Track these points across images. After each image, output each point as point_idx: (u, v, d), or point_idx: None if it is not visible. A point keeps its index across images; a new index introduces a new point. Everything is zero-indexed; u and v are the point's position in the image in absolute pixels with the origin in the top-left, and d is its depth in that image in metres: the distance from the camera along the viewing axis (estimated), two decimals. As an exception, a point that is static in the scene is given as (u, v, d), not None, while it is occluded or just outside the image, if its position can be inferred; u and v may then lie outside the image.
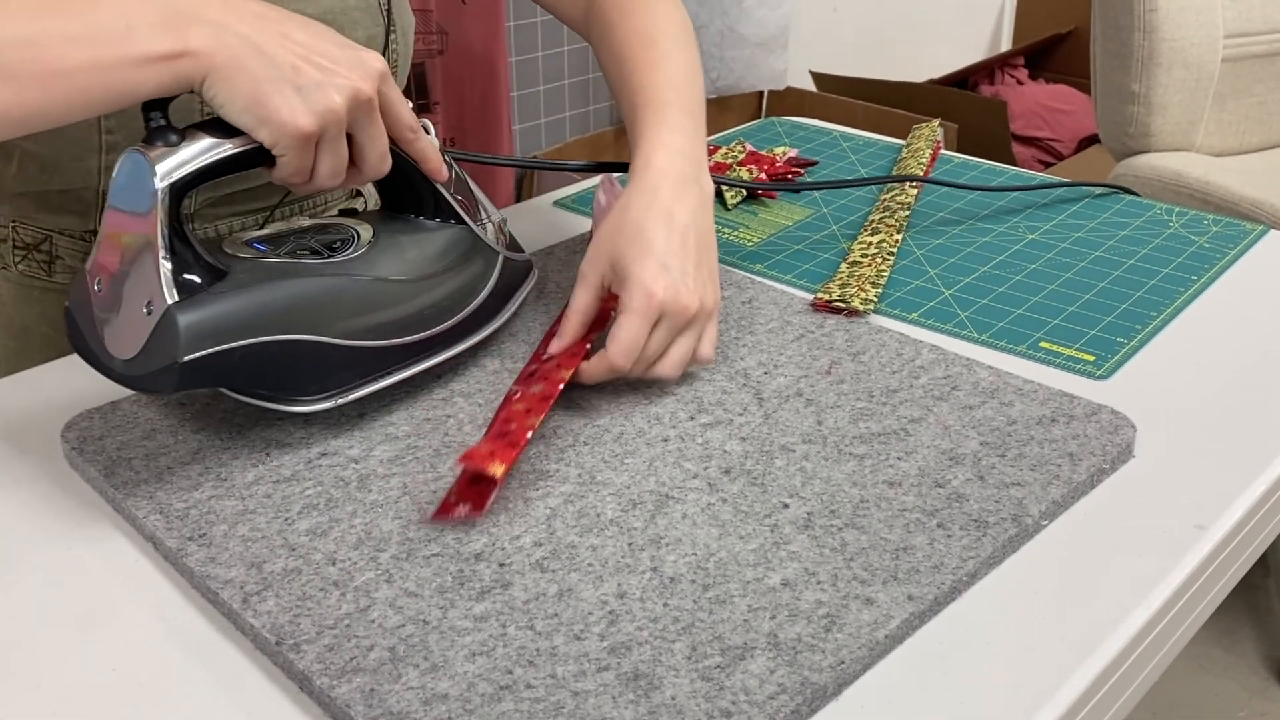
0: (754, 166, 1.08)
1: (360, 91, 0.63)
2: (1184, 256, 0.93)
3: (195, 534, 0.60)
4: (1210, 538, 0.62)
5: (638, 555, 0.59)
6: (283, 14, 0.64)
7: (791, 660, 0.52)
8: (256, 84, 0.61)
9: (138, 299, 0.61)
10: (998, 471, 0.65)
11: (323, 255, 0.69)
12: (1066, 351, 0.79)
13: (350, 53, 0.64)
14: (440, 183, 0.73)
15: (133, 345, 0.61)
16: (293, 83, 0.61)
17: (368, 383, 0.69)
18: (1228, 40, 1.83)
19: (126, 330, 0.62)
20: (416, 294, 0.71)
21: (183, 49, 0.60)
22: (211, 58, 0.60)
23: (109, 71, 0.60)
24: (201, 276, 0.62)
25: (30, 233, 0.86)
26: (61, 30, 0.59)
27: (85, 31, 0.59)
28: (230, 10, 0.62)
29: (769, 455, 0.67)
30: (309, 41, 0.63)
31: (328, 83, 0.62)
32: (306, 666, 0.52)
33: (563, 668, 0.52)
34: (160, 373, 0.61)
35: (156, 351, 0.61)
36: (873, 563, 0.58)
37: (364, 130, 0.65)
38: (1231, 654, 1.76)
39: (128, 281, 0.62)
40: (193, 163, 0.61)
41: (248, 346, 0.62)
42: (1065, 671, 0.53)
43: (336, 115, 0.63)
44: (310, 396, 0.67)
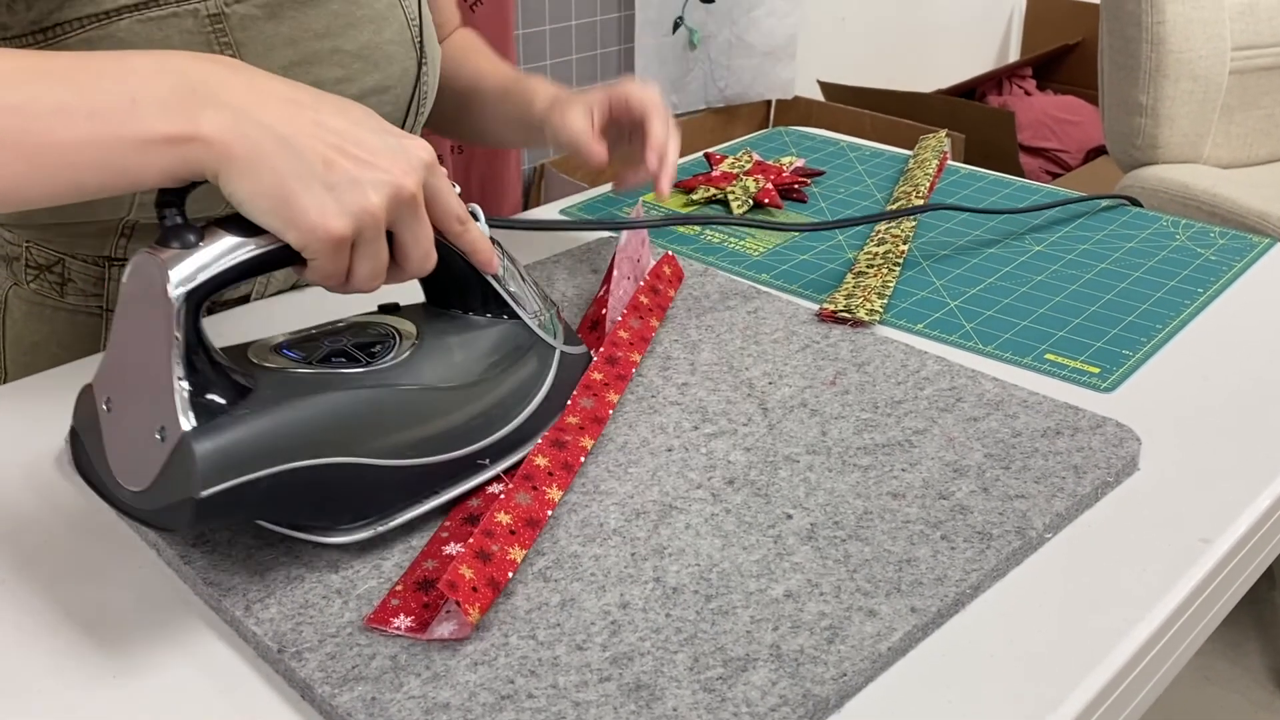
0: (760, 176, 1.08)
1: (401, 189, 0.56)
2: (1190, 269, 0.93)
3: (198, 540, 0.60)
4: (1215, 551, 0.62)
5: (640, 565, 0.59)
6: (316, 97, 0.57)
7: (794, 672, 0.52)
8: (281, 181, 0.54)
9: (150, 422, 0.54)
10: (1002, 484, 0.65)
11: (360, 362, 0.61)
12: (1072, 364, 0.79)
13: (391, 141, 0.57)
14: (491, 275, 0.66)
15: (144, 475, 0.54)
16: (323, 180, 0.54)
17: (412, 505, 0.61)
18: (1235, 53, 1.83)
19: (137, 457, 0.54)
20: (466, 402, 0.63)
21: (192, 133, 0.53)
22: (228, 148, 0.53)
23: (106, 150, 0.52)
24: (223, 395, 0.54)
25: (44, 254, 0.86)
26: (56, 99, 0.52)
27: (82, 102, 0.52)
28: (254, 93, 0.55)
29: (773, 466, 0.67)
30: (345, 129, 0.56)
31: (364, 179, 0.55)
32: (308, 674, 0.52)
33: (564, 678, 0.52)
34: (174, 508, 0.53)
35: (170, 485, 0.53)
36: (876, 574, 0.58)
37: (406, 228, 0.58)
38: (1237, 666, 1.75)
39: (139, 401, 0.55)
40: (213, 267, 0.54)
41: (274, 475, 0.54)
42: (1069, 685, 0.53)
43: (373, 216, 0.56)
44: (346, 525, 0.59)
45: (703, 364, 0.78)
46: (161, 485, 0.53)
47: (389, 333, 0.64)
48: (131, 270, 0.55)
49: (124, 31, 0.71)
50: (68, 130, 0.52)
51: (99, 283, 0.86)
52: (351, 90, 0.81)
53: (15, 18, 0.71)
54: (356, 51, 0.81)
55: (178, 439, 0.53)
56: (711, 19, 2.88)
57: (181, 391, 0.53)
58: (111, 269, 0.86)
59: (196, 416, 0.53)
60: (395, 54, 0.84)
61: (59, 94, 0.52)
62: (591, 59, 2.65)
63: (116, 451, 0.56)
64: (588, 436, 0.68)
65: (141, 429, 0.54)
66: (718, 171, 1.11)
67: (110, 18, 0.71)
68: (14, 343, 0.89)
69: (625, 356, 0.76)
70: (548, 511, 0.62)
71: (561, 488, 0.63)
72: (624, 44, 2.75)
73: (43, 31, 0.72)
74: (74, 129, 0.52)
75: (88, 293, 0.87)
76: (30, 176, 0.53)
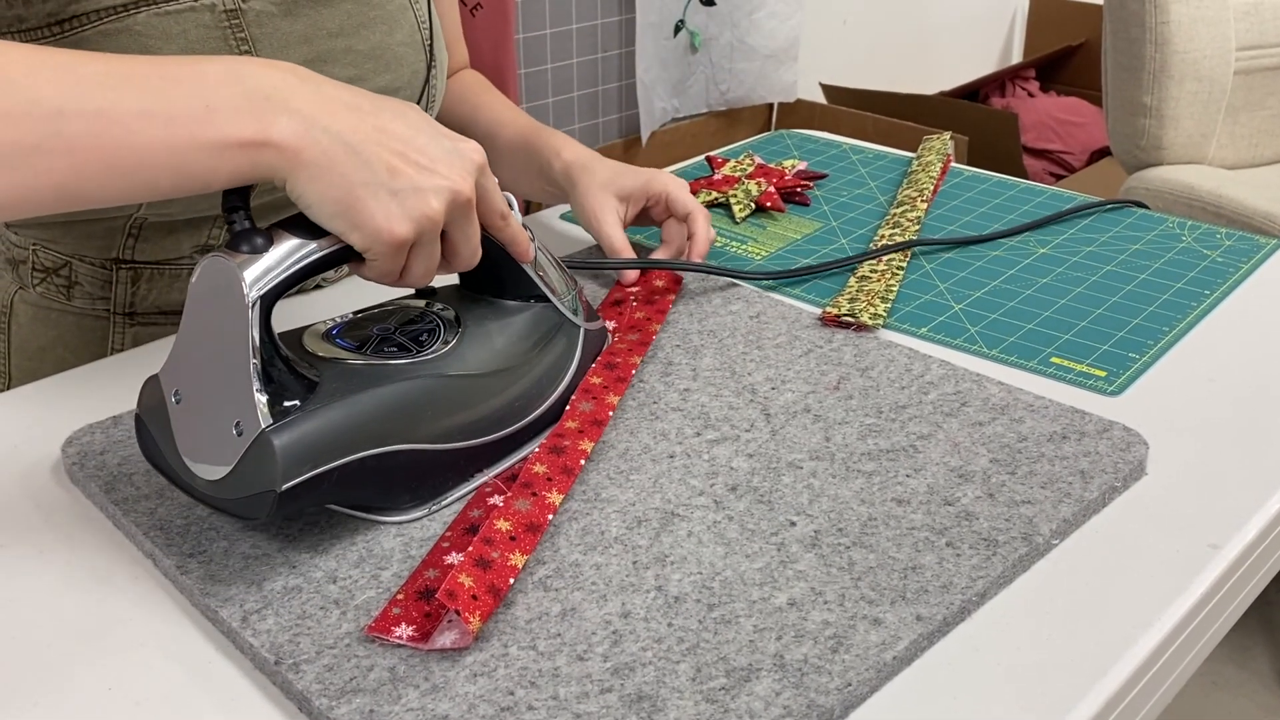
0: (762, 180, 1.08)
1: (459, 194, 0.60)
2: (1196, 271, 0.92)
3: (195, 550, 0.60)
4: (1224, 557, 0.61)
5: (642, 574, 0.58)
6: (377, 103, 0.60)
7: (798, 682, 0.51)
8: (349, 187, 0.56)
9: (225, 417, 0.56)
10: (1008, 489, 0.64)
11: (411, 351, 0.64)
12: (1078, 367, 0.79)
13: (448, 144, 0.60)
14: (527, 264, 0.70)
15: (220, 466, 0.57)
16: (388, 186, 0.57)
17: (462, 484, 0.65)
18: (1240, 53, 1.82)
19: (212, 449, 0.57)
20: (508, 385, 0.67)
21: (265, 138, 0.55)
22: (299, 154, 0.56)
23: (182, 154, 0.54)
24: (294, 392, 0.58)
25: (50, 257, 0.86)
26: (136, 104, 0.54)
27: (161, 107, 0.54)
28: (321, 100, 0.57)
29: (776, 472, 0.66)
30: (406, 135, 0.59)
31: (425, 186, 0.58)
32: (306, 686, 0.51)
33: (565, 689, 0.51)
34: (254, 499, 0.56)
35: (249, 477, 0.56)
36: (881, 582, 0.57)
37: (460, 229, 0.62)
38: (1245, 671, 1.74)
39: (213, 397, 0.57)
40: (281, 269, 0.57)
41: (344, 465, 0.58)
42: (1077, 694, 0.52)
43: (433, 221, 0.59)
44: (404, 505, 0.63)
45: (705, 369, 0.77)
46: (239, 476, 0.56)
47: (433, 320, 0.68)
48: (201, 272, 0.57)
49: (140, 25, 0.72)
50: (147, 135, 0.54)
51: (106, 285, 0.86)
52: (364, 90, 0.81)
53: (32, 10, 0.71)
54: (368, 51, 0.82)
55: (256, 435, 0.56)
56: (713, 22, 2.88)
57: (258, 389, 0.56)
58: (119, 271, 0.86)
59: (273, 413, 0.56)
60: (406, 55, 0.85)
61: (139, 100, 0.54)
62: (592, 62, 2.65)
63: (188, 442, 0.59)
64: (587, 440, 0.67)
65: (216, 422, 0.57)
66: (719, 175, 1.10)
67: (127, 10, 0.71)
68: (19, 348, 0.89)
69: (625, 360, 0.76)
70: (548, 516, 0.61)
71: (561, 492, 0.63)
72: (625, 47, 2.75)
73: (59, 24, 0.72)
74: (153, 134, 0.54)
75: (94, 296, 0.86)
76: (108, 177, 0.54)
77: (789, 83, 3.03)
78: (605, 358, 0.75)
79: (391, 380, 0.62)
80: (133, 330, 0.87)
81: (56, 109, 0.53)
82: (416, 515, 0.63)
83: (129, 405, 0.74)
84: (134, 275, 0.86)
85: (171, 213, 0.82)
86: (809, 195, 1.08)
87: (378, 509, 0.63)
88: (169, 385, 0.59)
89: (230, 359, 0.56)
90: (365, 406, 0.60)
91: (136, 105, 0.54)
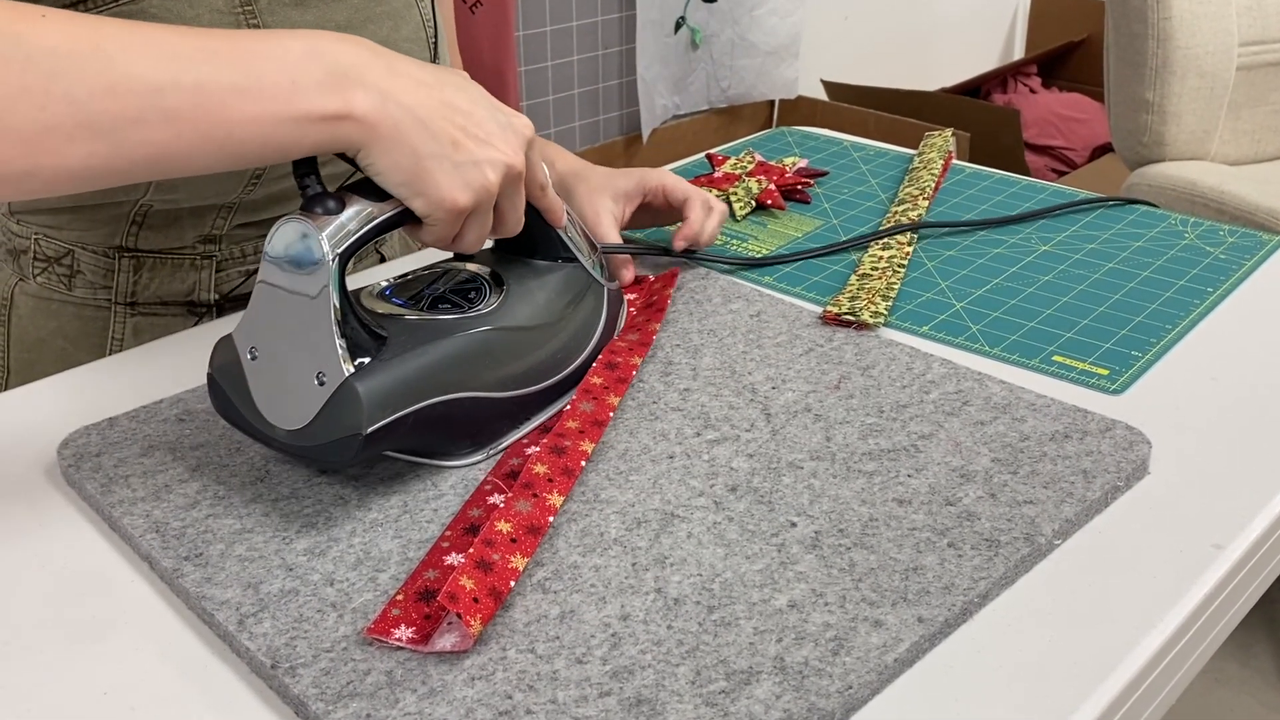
0: (763, 177, 1.07)
1: (513, 167, 0.64)
2: (1199, 268, 0.92)
3: (192, 553, 0.60)
4: (1228, 557, 0.61)
5: (641, 576, 0.58)
6: (440, 77, 0.64)
7: (798, 685, 0.51)
8: (418, 159, 0.61)
9: (306, 369, 0.61)
10: (1010, 489, 0.64)
11: (463, 308, 0.69)
12: (1080, 366, 0.78)
13: (504, 118, 0.65)
14: (560, 228, 0.74)
15: (301, 416, 0.61)
16: (451, 159, 0.62)
17: (514, 430, 0.70)
18: (1243, 48, 1.81)
19: (292, 400, 0.61)
20: (550, 339, 0.72)
21: (347, 111, 0.59)
22: (375, 127, 0.60)
23: (271, 126, 0.59)
24: (366, 345, 0.62)
25: (53, 246, 0.86)
26: (230, 80, 0.58)
27: (251, 83, 0.58)
28: (393, 75, 0.61)
29: (776, 472, 0.66)
30: (467, 109, 0.63)
31: (484, 159, 0.63)
32: (302, 691, 0.51)
33: (564, 692, 0.51)
34: (339, 443, 0.60)
35: (333, 423, 0.60)
36: (882, 583, 0.57)
37: (509, 199, 0.66)
38: (1248, 669, 1.74)
39: (292, 351, 0.61)
40: (354, 230, 0.61)
41: (418, 410, 0.62)
42: (1080, 696, 0.52)
43: (489, 192, 0.63)
44: (465, 451, 0.67)
45: (704, 369, 0.77)
46: (323, 423, 0.60)
47: (479, 280, 0.72)
48: (278, 233, 0.61)
49: (155, 8, 0.73)
50: (240, 109, 0.58)
51: (108, 274, 0.86)
52: None
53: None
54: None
55: (339, 383, 0.60)
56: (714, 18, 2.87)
57: (339, 342, 0.60)
58: (121, 259, 0.86)
59: (354, 363, 0.61)
60: (411, 51, 0.86)
61: (230, 75, 0.58)
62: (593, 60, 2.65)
63: (265, 395, 0.63)
64: (588, 440, 0.67)
65: (296, 375, 0.61)
66: (720, 173, 1.10)
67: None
68: (18, 340, 0.89)
69: (625, 360, 0.75)
70: (549, 518, 0.61)
71: (562, 493, 0.62)
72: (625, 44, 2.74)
73: (75, 6, 0.73)
74: (245, 108, 0.58)
75: (96, 285, 0.87)
76: (200, 148, 0.58)
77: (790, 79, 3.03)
78: (606, 357, 0.75)
79: (451, 333, 0.66)
80: (133, 320, 0.87)
81: (156, 84, 0.56)
82: (475, 459, 0.67)
83: (125, 407, 0.74)
84: (136, 264, 0.86)
85: (178, 199, 0.82)
86: (810, 193, 1.08)
87: (440, 454, 0.67)
88: (244, 343, 0.63)
89: (310, 315, 0.61)
90: (433, 357, 0.64)
91: (229, 80, 0.58)
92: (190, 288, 0.88)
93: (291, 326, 0.61)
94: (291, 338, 0.61)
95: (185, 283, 0.87)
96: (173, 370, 0.79)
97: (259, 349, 0.63)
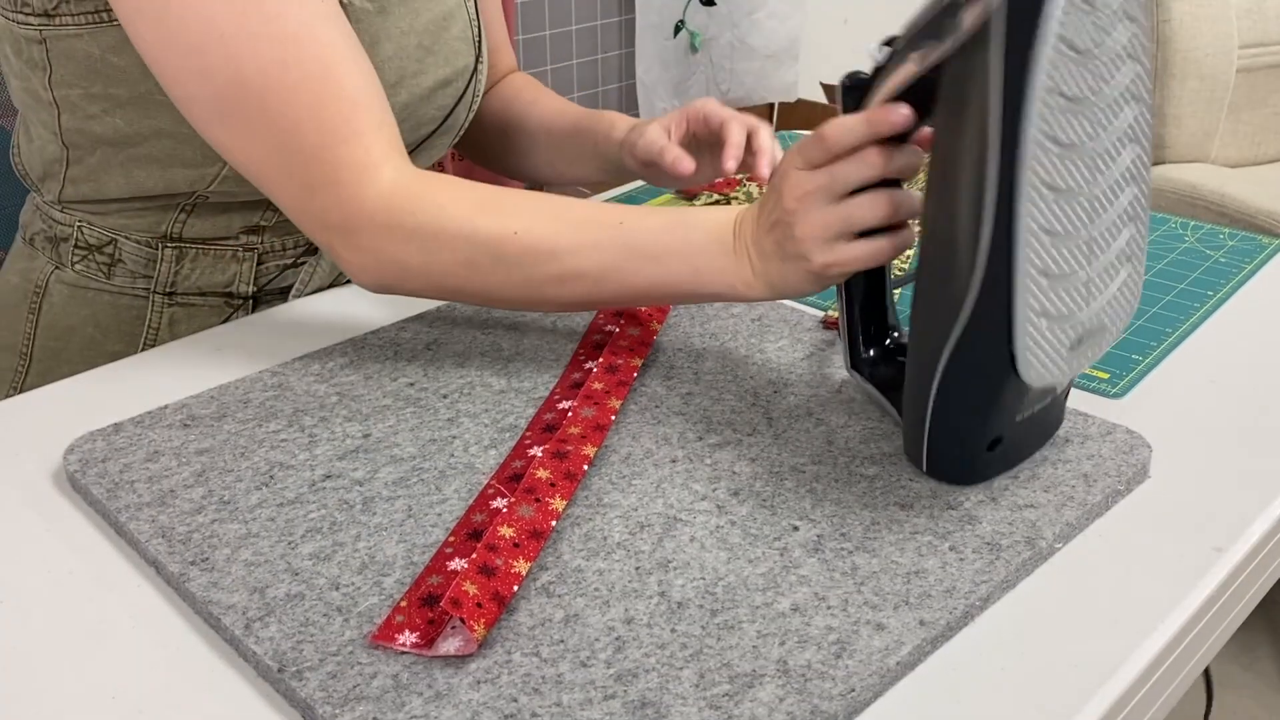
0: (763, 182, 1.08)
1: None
2: (1200, 271, 0.92)
3: (198, 558, 0.60)
4: (1228, 560, 0.61)
5: (645, 579, 0.58)
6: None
7: (801, 688, 0.51)
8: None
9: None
10: (1010, 493, 0.64)
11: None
12: (1080, 369, 0.78)
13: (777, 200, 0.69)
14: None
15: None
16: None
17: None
18: (1243, 51, 1.82)
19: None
20: None
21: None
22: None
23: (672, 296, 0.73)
24: None
25: (96, 234, 0.88)
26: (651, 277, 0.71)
27: (664, 276, 0.71)
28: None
29: (778, 476, 0.66)
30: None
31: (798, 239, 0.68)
32: (309, 694, 0.51)
33: (568, 695, 0.51)
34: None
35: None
36: (884, 587, 0.57)
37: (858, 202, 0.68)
38: (1249, 671, 1.74)
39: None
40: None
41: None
42: (1081, 699, 0.52)
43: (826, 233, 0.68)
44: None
45: (706, 373, 0.77)
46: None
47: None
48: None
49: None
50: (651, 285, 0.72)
51: (150, 264, 0.89)
52: (425, 82, 0.87)
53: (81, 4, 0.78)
54: (431, 46, 0.87)
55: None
56: (713, 22, 2.88)
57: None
58: (164, 249, 0.88)
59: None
60: (460, 50, 0.89)
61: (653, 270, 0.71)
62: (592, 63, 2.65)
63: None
64: (590, 445, 0.67)
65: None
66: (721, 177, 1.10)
67: None
68: (47, 328, 0.91)
69: (626, 363, 0.75)
70: (552, 522, 0.61)
71: (565, 497, 0.63)
72: (625, 48, 2.75)
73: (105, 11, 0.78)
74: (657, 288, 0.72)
75: (136, 274, 0.89)
76: (618, 301, 0.73)
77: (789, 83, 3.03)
78: (607, 359, 0.75)
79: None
80: (170, 310, 0.89)
81: (613, 289, 0.72)
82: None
83: (130, 412, 0.74)
84: (179, 254, 0.88)
85: (237, 192, 0.84)
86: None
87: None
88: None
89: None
90: None
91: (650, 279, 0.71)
92: (230, 279, 0.89)
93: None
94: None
95: (225, 274, 0.89)
96: (178, 376, 0.79)
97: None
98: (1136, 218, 0.60)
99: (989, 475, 0.65)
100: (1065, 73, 0.53)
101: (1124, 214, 0.59)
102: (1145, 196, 0.60)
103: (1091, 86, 0.54)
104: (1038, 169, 0.54)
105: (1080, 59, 0.53)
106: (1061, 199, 0.55)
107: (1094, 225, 0.57)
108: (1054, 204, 0.55)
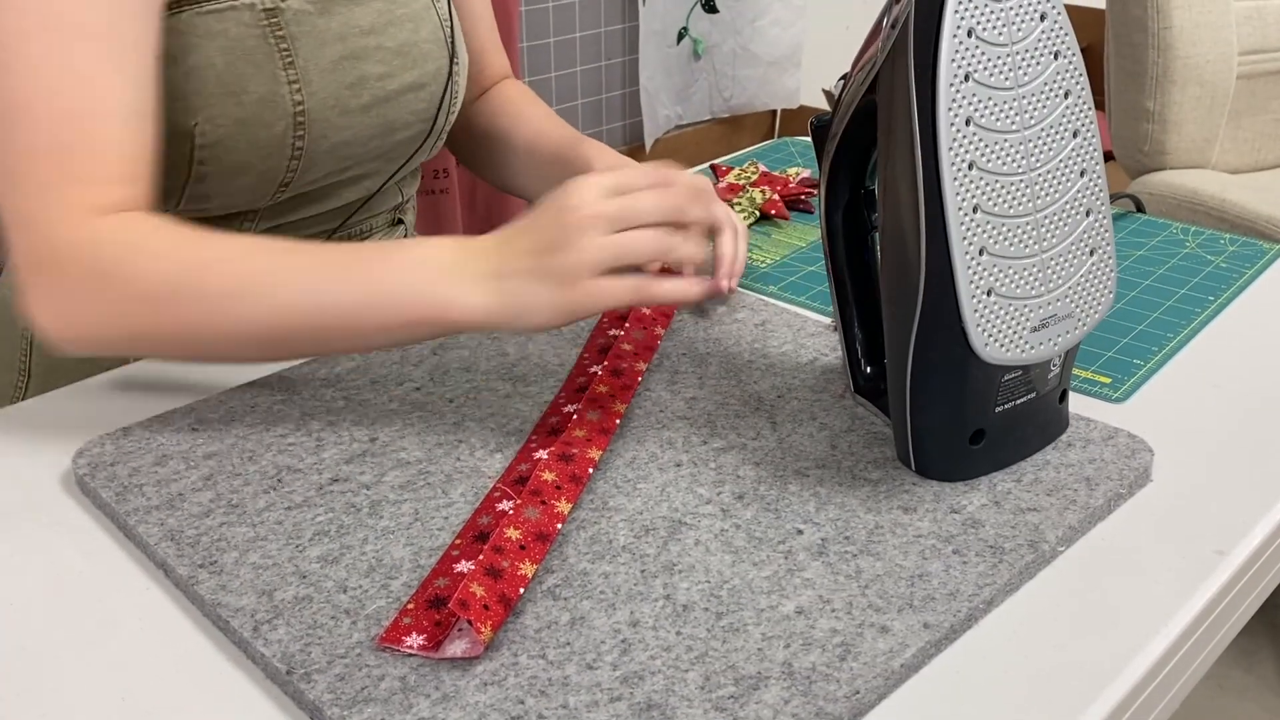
0: (767, 188, 1.08)
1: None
2: (1201, 276, 0.93)
3: (206, 561, 0.60)
4: (1230, 563, 0.61)
5: (650, 582, 0.58)
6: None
7: (806, 690, 0.52)
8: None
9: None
10: (1013, 497, 0.65)
11: None
12: (1083, 374, 0.79)
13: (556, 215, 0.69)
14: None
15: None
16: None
17: None
18: (1243, 57, 1.82)
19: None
20: None
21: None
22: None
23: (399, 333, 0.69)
24: None
25: None
26: (357, 297, 0.68)
27: (376, 299, 0.68)
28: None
29: (783, 480, 0.66)
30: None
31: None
32: (317, 696, 0.52)
33: (575, 698, 0.52)
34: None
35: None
36: (888, 590, 0.58)
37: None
38: (1251, 675, 1.74)
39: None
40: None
41: None
42: (1084, 701, 0.53)
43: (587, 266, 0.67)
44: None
45: (711, 377, 0.77)
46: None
47: None
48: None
49: (183, 24, 0.76)
50: (370, 321, 0.68)
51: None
52: (392, 85, 0.86)
53: None
54: (396, 49, 0.86)
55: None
56: (716, 29, 2.88)
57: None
58: None
59: None
60: (431, 52, 0.89)
61: (360, 292, 0.68)
62: (596, 70, 2.66)
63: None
64: (595, 448, 0.67)
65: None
66: (724, 184, 1.10)
67: (171, 11, 0.75)
68: (42, 344, 0.90)
69: (630, 366, 0.76)
70: (557, 525, 0.61)
71: (570, 500, 0.63)
72: (628, 55, 2.76)
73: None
74: (375, 320, 0.68)
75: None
76: (332, 348, 0.71)
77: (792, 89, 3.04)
78: (611, 363, 0.76)
79: None
80: None
81: (305, 307, 0.68)
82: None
83: (139, 416, 0.75)
84: None
85: (209, 208, 0.83)
86: (812, 203, 1.09)
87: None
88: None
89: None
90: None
91: (359, 299, 0.68)
92: None
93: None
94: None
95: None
96: (186, 380, 0.80)
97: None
98: (1093, 209, 0.62)
99: (979, 471, 0.66)
100: (974, 60, 0.58)
101: (1075, 202, 0.62)
102: (1100, 188, 0.63)
103: (1010, 77, 0.58)
104: (955, 148, 0.58)
105: (992, 49, 0.58)
106: (991, 179, 0.59)
107: (1040, 209, 0.60)
108: (980, 182, 0.59)
